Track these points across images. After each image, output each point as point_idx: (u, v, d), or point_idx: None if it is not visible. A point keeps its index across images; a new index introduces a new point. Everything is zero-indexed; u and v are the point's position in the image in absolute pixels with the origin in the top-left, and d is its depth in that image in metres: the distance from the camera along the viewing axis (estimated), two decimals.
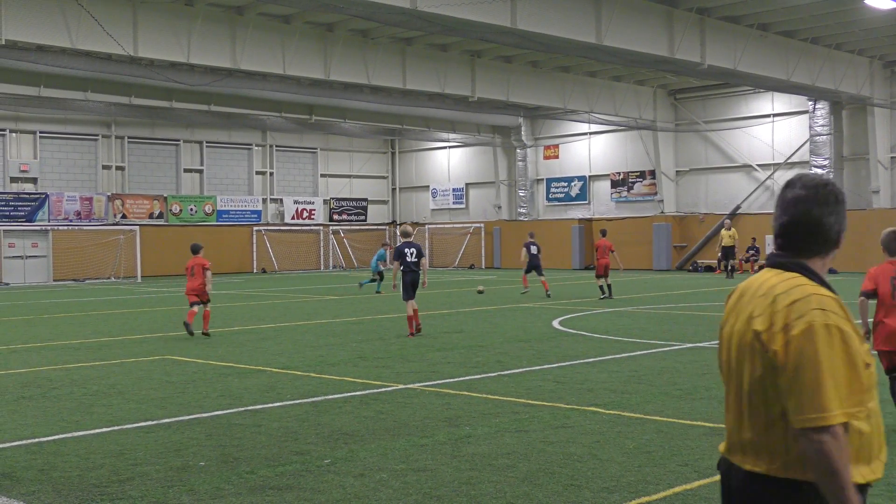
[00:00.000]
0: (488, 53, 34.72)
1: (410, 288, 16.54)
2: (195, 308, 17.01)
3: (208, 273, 17.20)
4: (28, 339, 16.88)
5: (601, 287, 25.01)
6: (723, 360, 3.00)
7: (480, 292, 27.36)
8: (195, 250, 17.69)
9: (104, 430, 8.81)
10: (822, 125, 36.90)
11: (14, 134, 40.03)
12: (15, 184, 39.99)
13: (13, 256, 38.98)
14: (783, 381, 2.72)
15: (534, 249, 26.93)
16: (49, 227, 39.70)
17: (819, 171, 36.64)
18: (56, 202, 40.33)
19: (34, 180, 40.46)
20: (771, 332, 2.76)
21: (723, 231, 36.17)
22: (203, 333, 16.79)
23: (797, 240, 2.91)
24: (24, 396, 10.71)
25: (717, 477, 6.79)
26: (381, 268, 29.52)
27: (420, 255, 16.73)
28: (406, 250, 16.67)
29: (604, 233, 26.99)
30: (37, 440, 8.37)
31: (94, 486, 6.83)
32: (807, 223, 2.89)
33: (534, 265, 26.74)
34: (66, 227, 39.98)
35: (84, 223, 40.83)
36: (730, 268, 35.22)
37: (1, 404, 10.23)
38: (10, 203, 39.30)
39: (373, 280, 29.58)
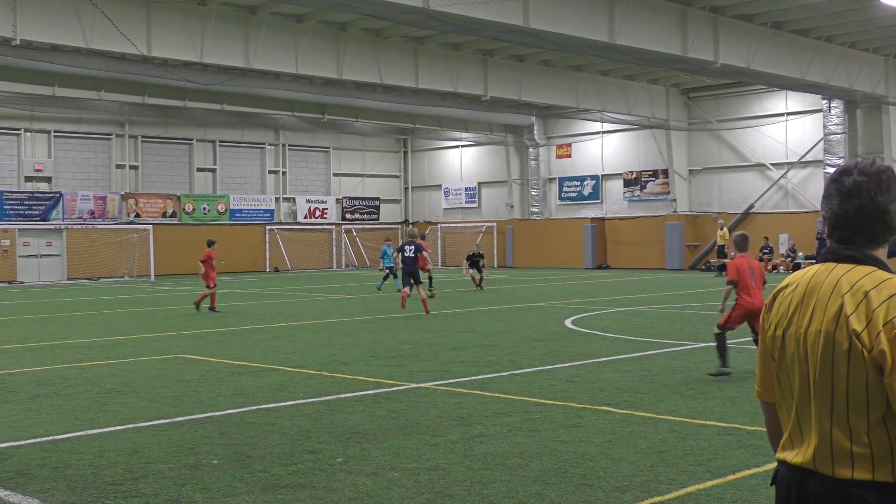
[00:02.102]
0: (501, 52, 34.69)
1: (407, 276, 20.76)
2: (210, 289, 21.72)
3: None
4: (42, 338, 16.97)
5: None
6: (793, 366, 2.75)
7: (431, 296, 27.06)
8: (210, 244, 22.44)
9: (118, 428, 8.84)
10: (837, 124, 36.73)
11: (29, 133, 40.23)
12: (29, 183, 40.20)
13: (28, 255, 39.18)
14: (893, 381, 2.53)
15: None
16: (63, 226, 39.88)
17: (834, 170, 36.49)
18: (70, 201, 40.52)
19: (48, 179, 40.66)
20: (872, 331, 2.56)
21: (718, 231, 37.04)
22: (210, 309, 21.57)
23: (862, 230, 2.72)
24: (38, 395, 10.77)
25: (730, 477, 6.79)
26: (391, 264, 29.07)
27: (418, 251, 21.06)
28: (406, 247, 21.02)
29: (422, 236, 27.73)
30: (51, 438, 8.41)
31: (107, 483, 6.85)
32: (872, 212, 2.70)
33: None
34: (80, 226, 40.15)
35: (98, 222, 41.01)
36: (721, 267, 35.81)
37: (15, 402, 10.28)
38: (25, 202, 39.51)
39: (386, 278, 29.42)
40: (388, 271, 29.13)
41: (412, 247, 20.87)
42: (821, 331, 2.67)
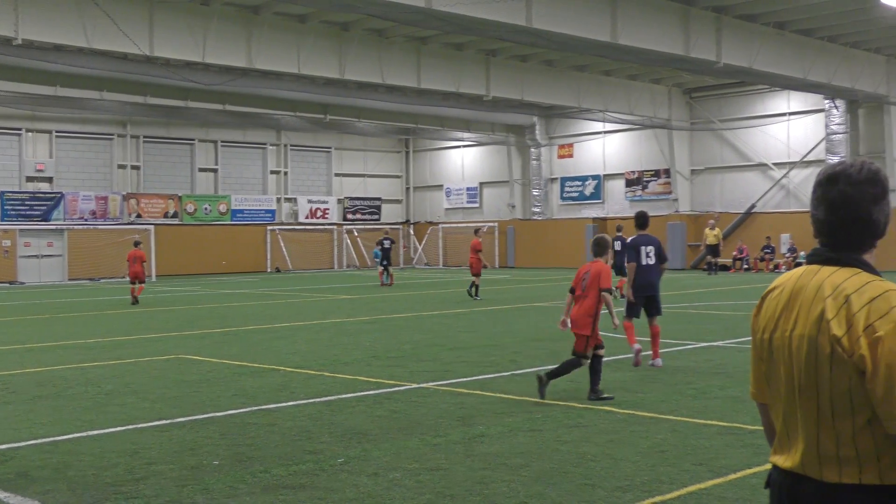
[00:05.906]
0: (503, 52, 34.68)
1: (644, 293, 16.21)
2: (134, 285, 25.40)
3: (145, 264, 26.60)
4: (43, 339, 16.97)
5: (477, 287, 25.00)
6: (780, 370, 2.73)
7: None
8: (136, 244, 26.62)
9: (119, 429, 8.83)
10: (839, 124, 36.71)
11: (30, 133, 40.24)
12: (31, 183, 40.21)
13: (29, 255, 39.19)
14: (875, 386, 2.49)
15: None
16: (64, 227, 39.89)
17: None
18: (71, 201, 40.52)
19: (50, 179, 40.67)
20: (852, 336, 2.53)
21: (707, 230, 37.25)
22: (136, 300, 25.17)
23: (849, 239, 2.69)
24: (39, 395, 10.76)
25: (732, 476, 6.78)
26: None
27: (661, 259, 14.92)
28: (643, 248, 15.12)
29: (477, 231, 27.52)
30: (52, 439, 8.41)
31: (108, 484, 6.85)
32: (858, 224, 2.68)
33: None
34: (81, 227, 40.16)
35: (99, 222, 41.01)
36: (714, 266, 36.43)
37: (16, 403, 10.28)
38: (26, 202, 39.52)
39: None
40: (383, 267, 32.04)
41: (651, 247, 13.73)
42: (804, 335, 2.65)
